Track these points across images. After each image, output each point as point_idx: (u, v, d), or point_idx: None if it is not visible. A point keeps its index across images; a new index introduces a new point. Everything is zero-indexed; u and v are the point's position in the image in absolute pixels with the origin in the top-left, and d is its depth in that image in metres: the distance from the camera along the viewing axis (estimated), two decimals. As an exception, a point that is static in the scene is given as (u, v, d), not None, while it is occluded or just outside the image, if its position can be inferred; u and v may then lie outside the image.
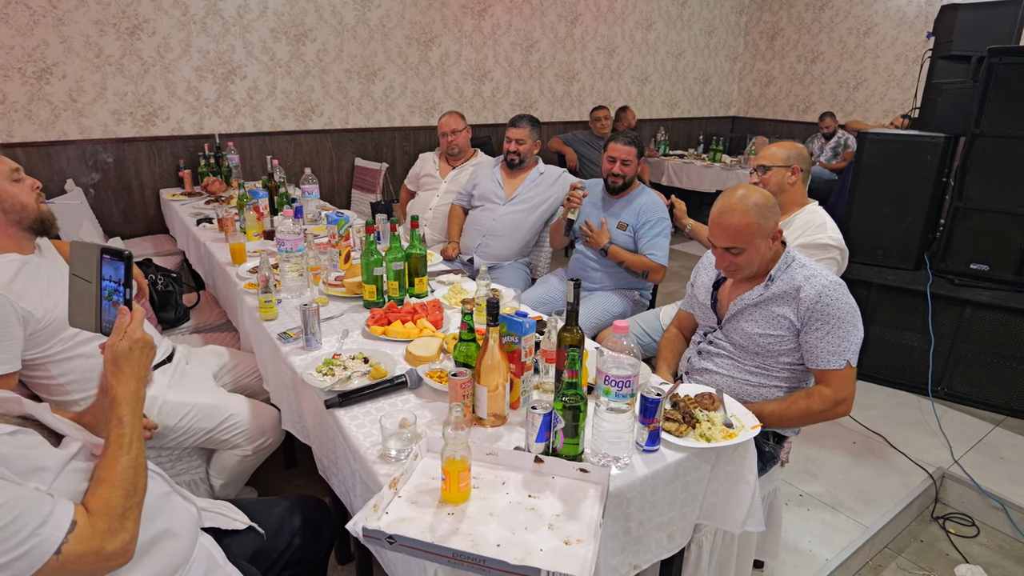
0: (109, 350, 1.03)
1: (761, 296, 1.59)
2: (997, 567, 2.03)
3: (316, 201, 3.01)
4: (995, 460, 2.45)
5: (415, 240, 2.03)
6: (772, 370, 1.62)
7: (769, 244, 1.57)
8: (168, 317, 2.45)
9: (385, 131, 4.51)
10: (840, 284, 1.53)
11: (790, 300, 1.55)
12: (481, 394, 1.28)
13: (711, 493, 1.33)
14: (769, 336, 1.58)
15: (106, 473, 0.95)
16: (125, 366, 1.03)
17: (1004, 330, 2.73)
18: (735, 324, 1.65)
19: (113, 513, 0.92)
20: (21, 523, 0.82)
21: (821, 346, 1.52)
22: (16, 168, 1.52)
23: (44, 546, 0.84)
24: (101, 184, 3.56)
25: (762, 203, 1.53)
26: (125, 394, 1.02)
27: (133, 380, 1.03)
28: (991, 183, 2.79)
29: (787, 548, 1.99)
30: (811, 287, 1.52)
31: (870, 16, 5.80)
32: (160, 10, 3.49)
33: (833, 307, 1.50)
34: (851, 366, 1.52)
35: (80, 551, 0.87)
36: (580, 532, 1.03)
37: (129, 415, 1.00)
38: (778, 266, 1.58)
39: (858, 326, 1.53)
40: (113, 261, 1.05)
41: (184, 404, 1.76)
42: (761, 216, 1.52)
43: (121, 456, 0.97)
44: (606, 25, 5.54)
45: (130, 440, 0.99)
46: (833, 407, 1.53)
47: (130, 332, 1.04)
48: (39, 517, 0.84)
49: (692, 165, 5.43)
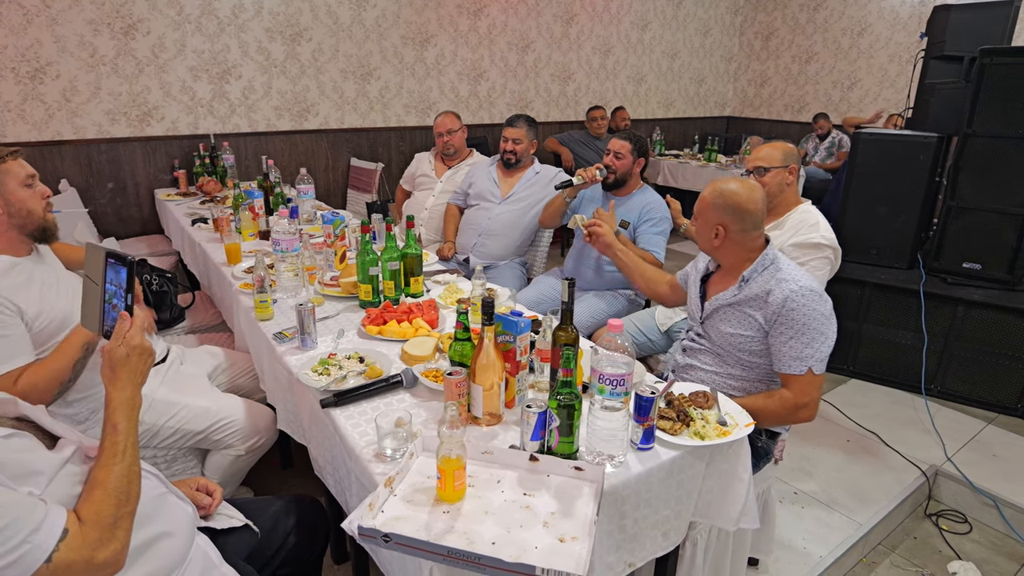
0: (107, 355, 1.02)
1: (735, 297, 1.60)
2: (989, 563, 2.05)
3: (312, 201, 3.01)
4: (988, 457, 2.46)
5: (411, 240, 2.03)
6: (751, 368, 1.62)
7: (711, 236, 1.60)
8: (163, 318, 2.44)
9: (381, 131, 4.51)
10: (811, 291, 1.50)
11: (760, 303, 1.54)
12: (476, 393, 1.28)
13: (706, 491, 1.34)
14: (741, 336, 1.59)
15: (99, 480, 0.94)
16: (122, 372, 1.02)
17: (996, 328, 2.75)
18: (712, 322, 1.67)
19: (105, 522, 0.91)
20: (13, 529, 0.81)
21: (784, 350, 1.51)
22: (32, 174, 1.53)
23: (35, 554, 0.83)
24: (96, 184, 3.55)
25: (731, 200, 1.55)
26: (121, 400, 1.01)
27: (129, 386, 1.02)
28: (983, 183, 2.81)
29: (781, 545, 2.00)
30: (779, 291, 1.51)
31: (864, 17, 5.82)
32: (155, 10, 3.48)
33: (799, 312, 1.48)
34: (813, 373, 1.50)
35: (71, 560, 0.86)
36: (575, 530, 1.04)
37: (124, 422, 0.99)
38: (753, 267, 1.57)
39: (826, 334, 1.50)
40: (116, 265, 1.05)
41: (174, 403, 1.75)
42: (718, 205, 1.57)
43: (115, 464, 0.96)
44: (602, 25, 5.55)
45: (124, 447, 0.98)
46: (793, 411, 1.52)
47: (129, 338, 1.03)
48: (31, 524, 0.83)
49: (688, 165, 5.45)
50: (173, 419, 1.75)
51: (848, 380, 3.10)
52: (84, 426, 1.64)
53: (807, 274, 1.57)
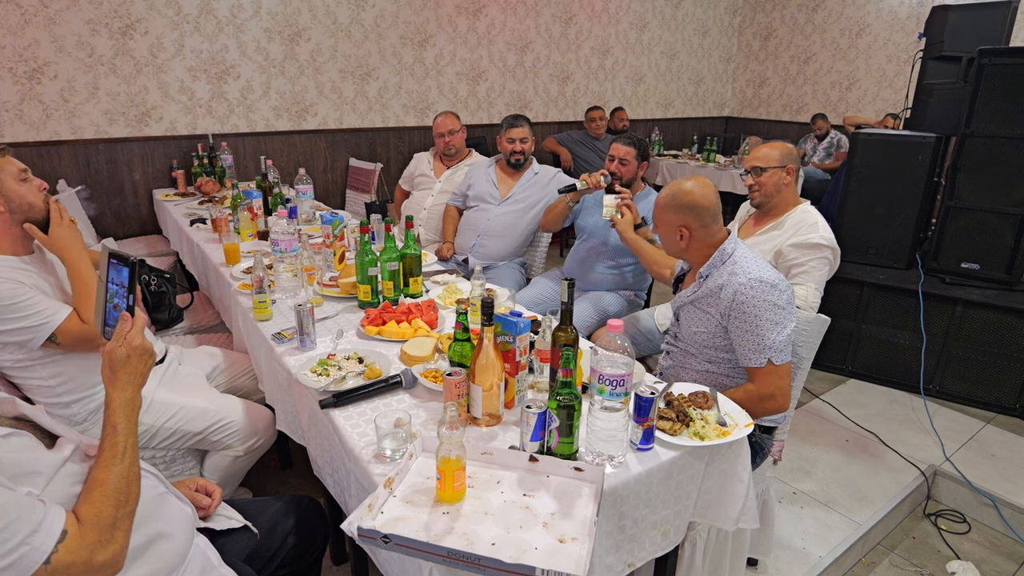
0: (107, 355, 1.02)
1: (695, 294, 1.61)
2: (988, 563, 2.05)
3: (310, 201, 3.00)
4: (986, 457, 2.47)
5: (410, 240, 2.03)
6: (718, 363, 1.63)
7: (677, 239, 1.62)
8: (161, 318, 2.43)
9: (380, 131, 4.51)
10: (761, 281, 1.49)
11: (715, 299, 1.56)
12: (476, 394, 1.28)
13: (705, 491, 1.34)
14: (703, 333, 1.60)
15: (99, 481, 0.93)
16: (122, 372, 1.01)
17: (994, 328, 2.75)
18: (681, 322, 1.69)
19: (104, 524, 0.90)
20: (12, 531, 0.80)
21: (742, 343, 1.52)
22: (24, 169, 1.53)
23: (34, 555, 0.82)
24: (94, 184, 3.54)
25: (686, 199, 1.58)
26: (121, 401, 1.00)
27: (129, 387, 1.02)
28: (981, 183, 2.81)
29: (780, 545, 2.00)
30: (730, 285, 1.51)
31: (862, 17, 5.83)
32: (153, 9, 3.47)
33: (748, 305, 1.48)
34: (773, 363, 1.49)
35: (69, 561, 0.85)
36: (575, 531, 1.04)
37: (124, 423, 0.99)
38: (711, 262, 1.58)
39: (781, 323, 1.49)
40: (118, 265, 1.05)
41: (173, 404, 1.75)
42: (673, 207, 1.59)
43: (115, 465, 0.95)
44: (600, 26, 5.55)
45: (124, 448, 0.97)
46: (759, 402, 1.52)
47: (130, 338, 1.03)
48: (30, 525, 0.83)
49: (686, 165, 5.45)
50: (172, 420, 1.74)
51: (847, 380, 3.10)
52: (82, 427, 1.63)
53: (763, 264, 1.55)
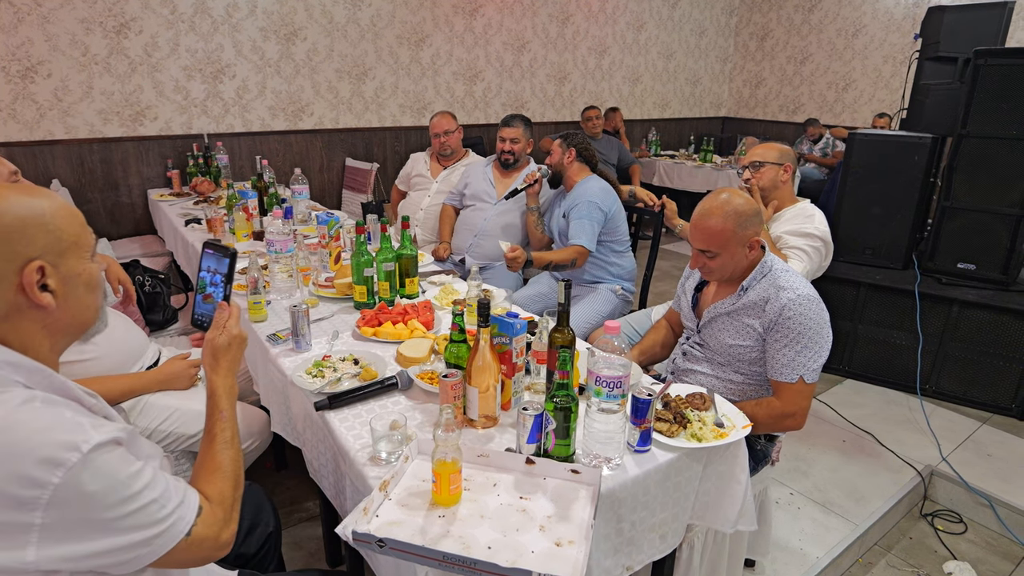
0: (208, 344, 1.05)
1: (733, 306, 1.58)
2: (984, 563, 2.05)
3: (306, 201, 2.99)
4: (982, 457, 2.47)
5: (406, 241, 2.02)
6: (748, 376, 1.62)
7: (745, 253, 1.54)
8: (156, 319, 2.42)
9: (376, 131, 4.49)
10: (810, 299, 1.49)
11: (759, 311, 1.53)
12: (472, 395, 1.27)
13: (703, 493, 1.33)
14: (739, 346, 1.57)
15: (218, 464, 0.96)
16: (223, 360, 1.05)
17: (991, 328, 2.75)
18: (709, 330, 1.65)
19: (227, 503, 0.93)
20: (166, 498, 0.81)
21: (777, 356, 1.50)
22: (15, 171, 1.52)
23: (179, 526, 0.82)
24: (89, 184, 3.52)
25: (743, 210, 1.51)
26: (225, 388, 1.04)
27: (231, 375, 1.06)
28: (977, 183, 2.81)
29: (778, 546, 2.00)
30: (778, 299, 1.49)
31: (859, 18, 5.84)
32: (147, 8, 3.45)
33: (795, 321, 1.47)
34: (804, 382, 1.49)
35: (203, 536, 0.85)
36: (572, 533, 1.03)
37: (228, 408, 1.02)
38: (752, 275, 1.56)
39: (821, 344, 1.49)
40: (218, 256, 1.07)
41: (167, 407, 1.73)
42: (739, 224, 1.50)
43: (228, 449, 0.98)
44: (597, 26, 5.55)
45: (232, 434, 1.01)
46: (780, 419, 1.51)
47: (229, 327, 1.07)
48: (178, 496, 0.83)
49: (683, 165, 5.45)
50: (166, 422, 1.73)
51: (843, 380, 3.10)
52: None
53: (805, 282, 1.56)
